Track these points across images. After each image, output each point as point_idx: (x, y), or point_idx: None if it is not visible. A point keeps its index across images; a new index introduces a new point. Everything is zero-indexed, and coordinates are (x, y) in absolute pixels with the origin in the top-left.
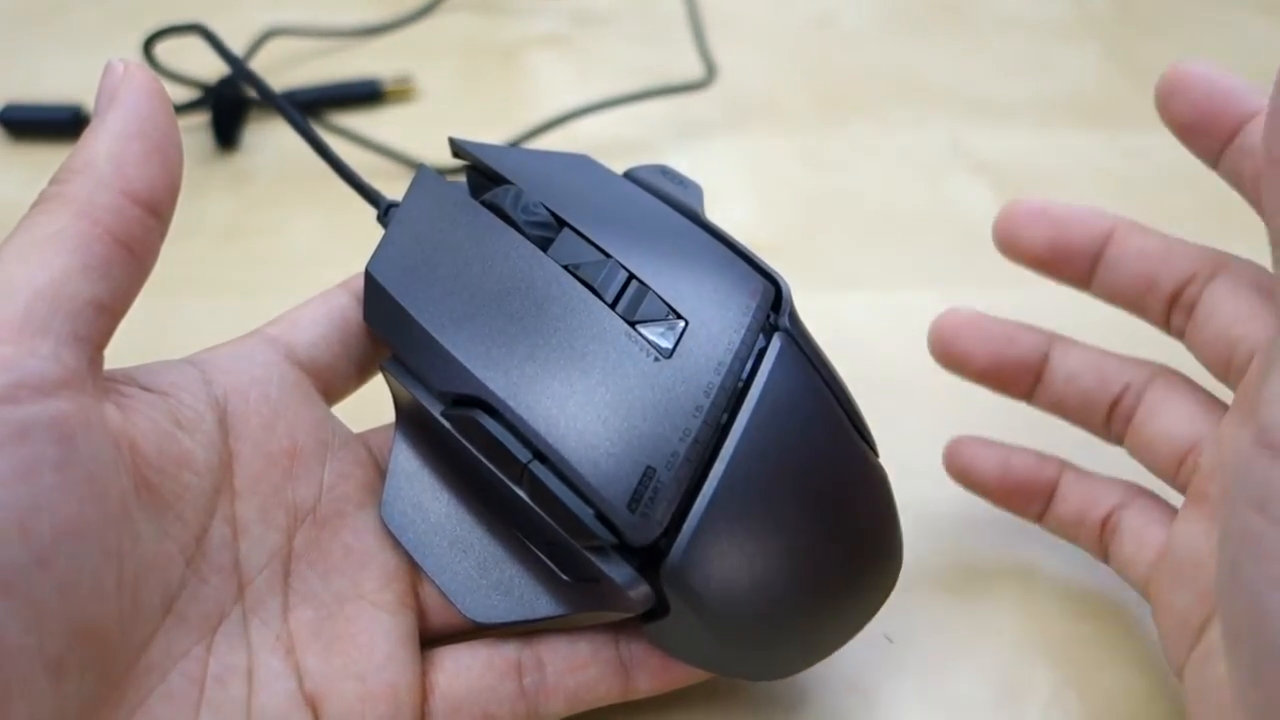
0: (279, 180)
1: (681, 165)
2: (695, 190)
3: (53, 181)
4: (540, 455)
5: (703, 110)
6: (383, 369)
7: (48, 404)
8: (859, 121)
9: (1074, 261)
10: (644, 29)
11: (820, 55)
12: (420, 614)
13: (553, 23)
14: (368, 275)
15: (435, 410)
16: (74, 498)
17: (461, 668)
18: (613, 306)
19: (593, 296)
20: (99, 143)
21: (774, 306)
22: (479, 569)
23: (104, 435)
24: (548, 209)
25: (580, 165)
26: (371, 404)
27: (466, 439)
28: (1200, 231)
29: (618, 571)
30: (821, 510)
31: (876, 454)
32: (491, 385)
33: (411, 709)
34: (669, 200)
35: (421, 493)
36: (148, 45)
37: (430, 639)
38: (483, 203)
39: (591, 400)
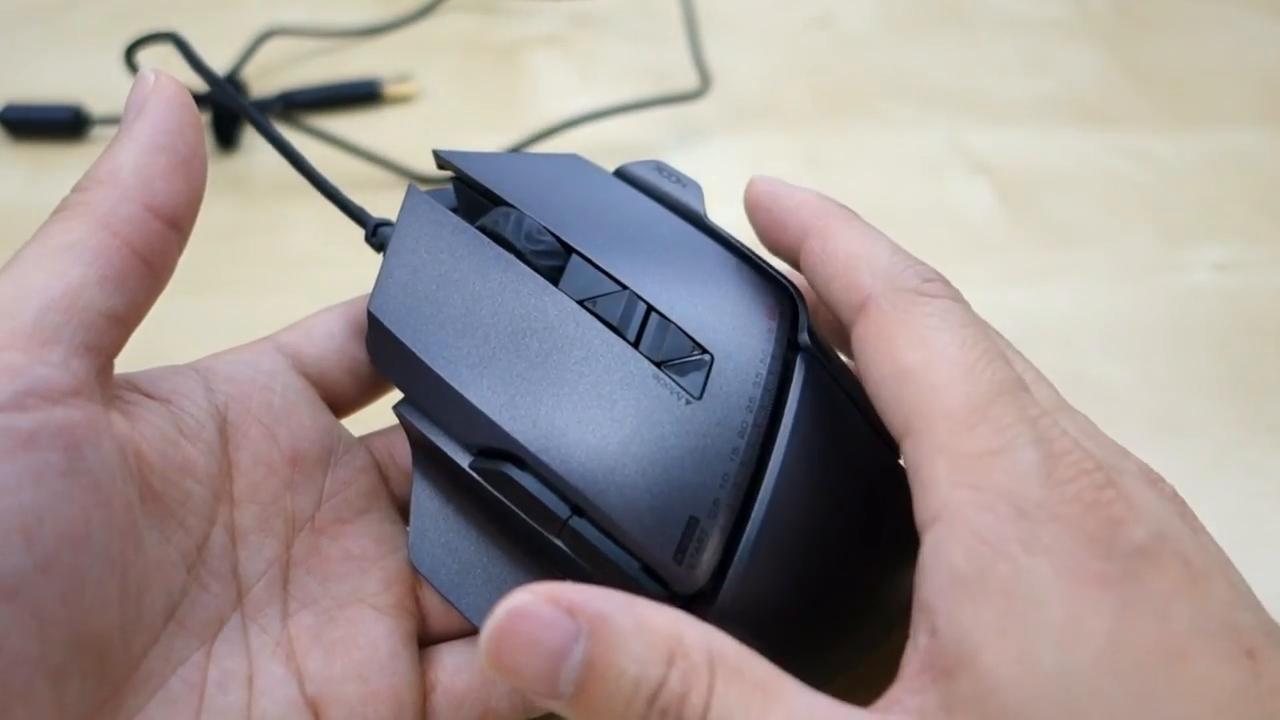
0: (278, 181)
1: (681, 166)
2: (695, 189)
3: (76, 189)
4: (579, 510)
5: (702, 112)
6: (397, 412)
7: (55, 412)
8: (859, 122)
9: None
10: (643, 29)
11: (820, 55)
12: (420, 618)
13: (552, 23)
14: (371, 317)
15: (462, 460)
16: (79, 505)
17: (461, 664)
18: (635, 344)
19: (614, 335)
20: (124, 153)
21: (792, 317)
22: None
23: (111, 443)
24: (552, 233)
25: (572, 170)
26: (374, 405)
27: (499, 492)
28: (1201, 230)
29: None
30: (859, 528)
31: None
32: (522, 439)
33: (414, 708)
34: (669, 203)
35: (448, 532)
36: (128, 55)
37: (430, 642)
38: (482, 228)
39: (627, 451)
